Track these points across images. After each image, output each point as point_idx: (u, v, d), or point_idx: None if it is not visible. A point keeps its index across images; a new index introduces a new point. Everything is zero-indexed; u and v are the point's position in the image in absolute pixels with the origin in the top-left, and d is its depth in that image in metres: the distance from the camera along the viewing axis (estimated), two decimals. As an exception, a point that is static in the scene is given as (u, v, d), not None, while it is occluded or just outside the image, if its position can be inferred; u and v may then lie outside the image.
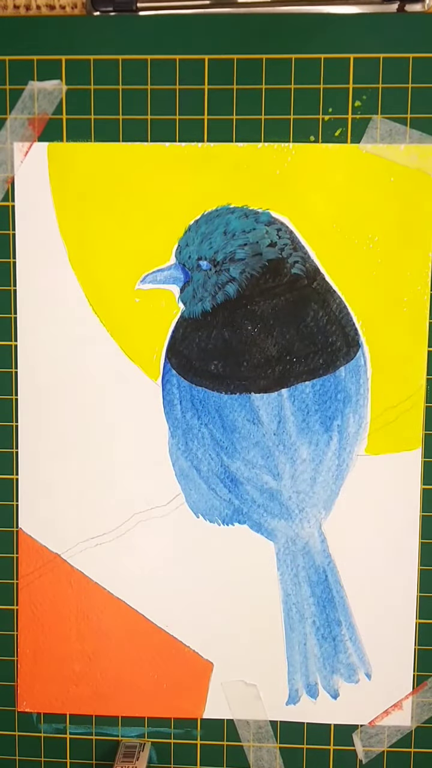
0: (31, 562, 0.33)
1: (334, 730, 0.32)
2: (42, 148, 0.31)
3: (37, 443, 0.32)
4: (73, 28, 0.31)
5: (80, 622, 0.33)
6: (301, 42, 0.30)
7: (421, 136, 0.30)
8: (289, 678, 0.32)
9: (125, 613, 0.32)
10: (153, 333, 0.32)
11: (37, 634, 0.33)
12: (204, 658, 0.32)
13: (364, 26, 0.30)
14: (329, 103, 0.30)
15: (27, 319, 0.32)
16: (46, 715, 0.33)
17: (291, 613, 0.32)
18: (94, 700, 0.33)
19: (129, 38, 0.31)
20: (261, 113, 0.31)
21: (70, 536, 0.32)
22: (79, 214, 0.31)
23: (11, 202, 0.32)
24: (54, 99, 0.31)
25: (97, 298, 0.32)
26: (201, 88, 0.31)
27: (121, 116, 0.31)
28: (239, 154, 0.31)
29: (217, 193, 0.31)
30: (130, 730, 0.33)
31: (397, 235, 0.31)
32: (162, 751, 0.33)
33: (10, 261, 0.32)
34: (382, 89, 0.30)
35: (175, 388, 0.32)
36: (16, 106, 0.31)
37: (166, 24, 0.31)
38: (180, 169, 0.31)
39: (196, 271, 0.31)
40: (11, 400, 0.32)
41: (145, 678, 0.32)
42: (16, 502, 0.32)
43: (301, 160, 0.31)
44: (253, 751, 0.32)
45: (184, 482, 0.32)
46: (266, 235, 0.31)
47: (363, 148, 0.30)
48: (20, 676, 0.33)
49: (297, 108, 0.30)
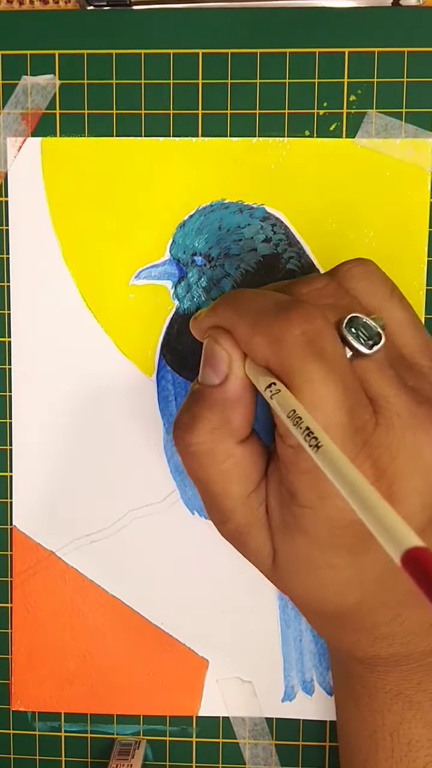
0: (25, 559, 0.32)
1: (330, 726, 0.32)
2: (35, 143, 0.31)
3: (31, 440, 0.32)
4: (66, 23, 0.31)
5: (75, 620, 0.32)
6: (295, 36, 0.30)
7: (416, 130, 0.30)
8: (285, 675, 0.32)
9: (120, 611, 0.32)
10: (147, 329, 0.31)
11: (31, 632, 0.33)
12: (199, 655, 0.32)
13: (359, 20, 0.30)
14: (324, 98, 0.30)
15: (20, 315, 0.32)
16: (41, 714, 0.33)
17: (286, 609, 0.32)
18: (89, 698, 0.33)
19: (123, 33, 0.31)
20: (255, 107, 0.30)
21: (65, 534, 0.32)
22: (72, 209, 0.31)
23: (4, 198, 0.31)
24: (47, 94, 0.31)
25: (91, 294, 0.31)
26: (195, 82, 0.31)
27: (115, 111, 0.31)
28: (234, 149, 0.31)
29: (211, 188, 0.31)
30: (125, 728, 0.33)
31: (392, 229, 0.30)
32: (157, 749, 0.33)
33: (2, 257, 0.32)
34: (377, 83, 0.30)
35: (170, 384, 0.31)
36: (8, 101, 0.31)
37: (160, 18, 0.30)
38: (174, 163, 0.31)
39: (190, 267, 0.31)
40: (4, 396, 0.32)
41: (140, 676, 0.32)
42: (9, 500, 0.32)
43: (296, 155, 0.30)
44: (248, 748, 0.32)
45: (180, 479, 0.32)
46: (261, 231, 0.31)
47: (358, 143, 0.30)
48: (14, 674, 0.33)
49: (291, 102, 0.30)
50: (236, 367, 0.24)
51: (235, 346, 0.24)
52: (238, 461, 0.24)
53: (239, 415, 0.24)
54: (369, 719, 0.26)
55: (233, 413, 0.24)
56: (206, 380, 0.24)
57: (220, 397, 0.24)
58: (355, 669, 0.27)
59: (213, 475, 0.24)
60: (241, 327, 0.23)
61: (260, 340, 0.22)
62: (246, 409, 0.24)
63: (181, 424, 0.24)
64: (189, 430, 0.24)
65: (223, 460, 0.24)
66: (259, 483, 0.25)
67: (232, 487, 0.24)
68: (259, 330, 0.22)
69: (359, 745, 0.27)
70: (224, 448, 0.24)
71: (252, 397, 0.24)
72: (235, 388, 0.24)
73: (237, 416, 0.24)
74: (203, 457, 0.24)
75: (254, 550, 0.25)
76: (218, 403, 0.24)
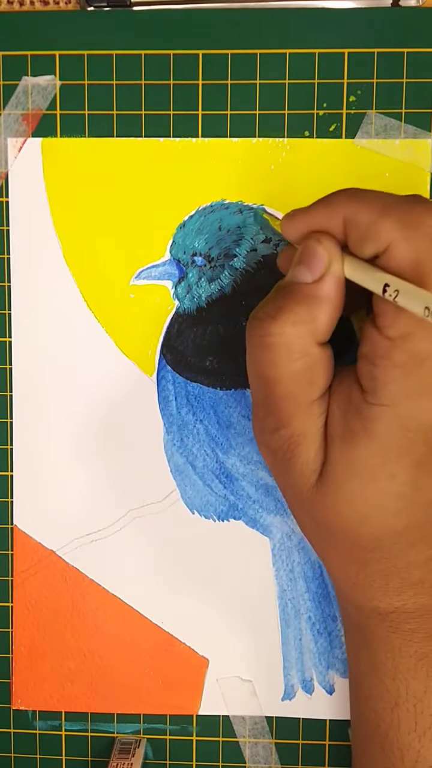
0: (26, 559, 0.33)
1: (330, 725, 0.32)
2: (36, 143, 0.31)
3: (32, 440, 0.32)
4: (66, 23, 0.31)
5: (75, 619, 0.32)
6: (295, 36, 0.30)
7: (415, 131, 0.30)
8: (285, 674, 0.32)
9: (120, 610, 0.32)
10: (148, 329, 0.32)
11: (32, 631, 0.33)
12: (199, 654, 0.32)
13: (359, 21, 0.30)
14: (324, 98, 0.30)
15: (21, 315, 0.32)
16: (42, 713, 0.33)
17: (287, 608, 0.32)
18: (90, 697, 0.33)
19: (123, 33, 0.31)
20: (255, 108, 0.31)
21: (66, 533, 0.32)
22: (73, 210, 0.31)
23: (5, 198, 0.31)
24: (48, 94, 0.31)
25: (92, 294, 0.32)
26: (195, 83, 0.31)
27: (115, 111, 0.31)
28: (234, 149, 0.31)
29: (211, 189, 0.31)
30: (125, 726, 0.33)
31: (391, 230, 0.30)
32: (158, 748, 0.33)
33: (4, 257, 0.32)
34: (376, 84, 0.30)
35: (170, 384, 0.32)
36: (9, 101, 0.31)
37: (160, 19, 0.31)
38: (174, 164, 0.31)
39: (190, 267, 0.31)
40: (6, 396, 0.32)
41: (140, 674, 0.32)
42: (11, 499, 0.32)
43: (296, 155, 0.31)
44: (249, 746, 0.32)
45: (180, 478, 0.32)
46: (261, 231, 0.31)
47: (358, 143, 0.30)
48: (15, 673, 0.33)
49: (291, 103, 0.30)
50: (335, 267, 0.23)
51: (337, 247, 0.23)
52: (312, 362, 0.23)
53: (326, 315, 0.23)
54: (392, 689, 0.26)
55: (321, 312, 0.23)
56: (298, 277, 0.24)
57: (312, 294, 0.23)
58: (377, 630, 0.26)
59: (283, 372, 0.23)
60: (365, 214, 0.22)
61: (391, 224, 0.22)
62: (334, 311, 0.24)
63: (261, 314, 0.24)
64: (270, 319, 0.23)
65: (298, 358, 0.23)
66: (324, 392, 0.24)
67: (299, 389, 0.24)
68: (390, 213, 0.22)
69: (379, 721, 0.26)
70: (302, 344, 0.23)
71: (340, 304, 0.24)
72: (329, 287, 0.23)
73: (324, 315, 0.23)
74: (279, 349, 0.23)
75: (302, 464, 0.24)
76: (308, 299, 0.23)
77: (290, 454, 0.24)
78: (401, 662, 0.25)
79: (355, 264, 0.23)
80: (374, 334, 0.23)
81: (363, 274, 0.23)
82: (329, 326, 0.24)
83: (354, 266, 0.23)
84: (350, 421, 0.23)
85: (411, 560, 0.24)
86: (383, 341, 0.22)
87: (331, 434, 0.24)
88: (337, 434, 0.23)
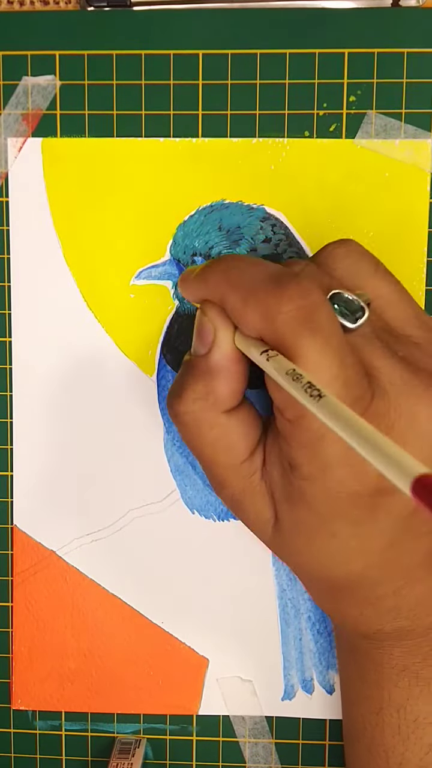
0: (26, 559, 0.33)
1: (330, 725, 0.32)
2: (36, 143, 0.31)
3: (32, 440, 0.32)
4: (66, 23, 0.31)
5: (75, 619, 0.32)
6: (295, 37, 0.30)
7: (415, 131, 0.30)
8: (285, 673, 0.32)
9: (120, 610, 0.32)
10: (148, 328, 0.32)
11: (32, 631, 0.33)
12: (199, 654, 0.32)
13: (359, 21, 0.30)
14: (324, 98, 0.30)
15: (21, 315, 0.32)
16: (41, 713, 0.33)
17: (286, 608, 0.32)
18: (89, 697, 0.33)
19: (123, 33, 0.31)
20: (255, 108, 0.31)
21: (66, 533, 0.32)
22: (73, 210, 0.31)
23: (5, 198, 0.31)
24: (48, 94, 0.31)
25: (92, 294, 0.32)
26: (195, 83, 0.31)
27: (116, 111, 0.31)
28: (234, 149, 0.31)
29: (211, 189, 0.31)
30: (125, 726, 0.33)
31: (392, 230, 0.31)
32: (157, 747, 0.33)
33: (4, 257, 0.32)
34: (376, 84, 0.30)
35: (171, 383, 0.32)
36: (9, 101, 0.31)
37: (160, 19, 0.31)
38: (175, 164, 0.31)
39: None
40: (5, 395, 0.32)
41: (140, 674, 0.32)
42: (11, 499, 0.32)
43: (296, 155, 0.31)
44: (248, 746, 0.32)
45: (180, 478, 0.32)
46: (261, 231, 0.31)
47: (358, 143, 0.30)
48: (15, 673, 0.33)
49: (291, 103, 0.30)
50: (221, 337, 0.24)
51: (222, 317, 0.24)
52: (224, 431, 0.24)
53: (223, 385, 0.24)
54: (376, 696, 0.26)
55: (217, 383, 0.24)
56: (195, 351, 0.25)
57: (205, 367, 0.24)
58: (361, 645, 0.27)
59: (202, 443, 0.25)
60: (233, 299, 0.23)
61: (253, 315, 0.22)
62: (231, 380, 0.24)
63: (171, 392, 0.25)
64: (177, 398, 0.24)
65: (208, 430, 0.24)
66: (253, 452, 0.25)
67: (220, 456, 0.25)
68: (251, 304, 0.22)
69: (365, 724, 0.27)
70: (209, 417, 0.24)
71: (240, 369, 0.24)
72: (217, 358, 0.24)
73: (221, 386, 0.24)
74: (190, 426, 0.24)
75: (253, 517, 0.25)
76: (203, 373, 0.24)
77: (240, 509, 0.25)
78: (384, 673, 0.26)
79: (240, 333, 0.23)
80: (278, 417, 0.23)
81: (246, 345, 0.23)
82: (232, 395, 0.24)
83: (240, 336, 0.23)
84: (287, 486, 0.24)
85: (380, 593, 0.24)
86: (286, 424, 0.22)
87: (274, 493, 0.24)
88: (280, 494, 0.24)
